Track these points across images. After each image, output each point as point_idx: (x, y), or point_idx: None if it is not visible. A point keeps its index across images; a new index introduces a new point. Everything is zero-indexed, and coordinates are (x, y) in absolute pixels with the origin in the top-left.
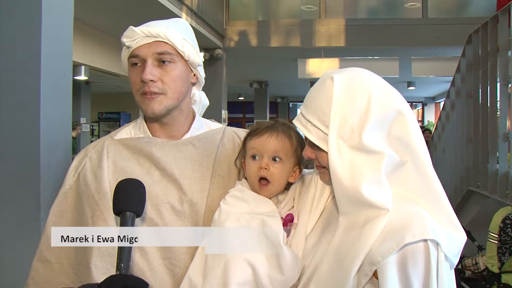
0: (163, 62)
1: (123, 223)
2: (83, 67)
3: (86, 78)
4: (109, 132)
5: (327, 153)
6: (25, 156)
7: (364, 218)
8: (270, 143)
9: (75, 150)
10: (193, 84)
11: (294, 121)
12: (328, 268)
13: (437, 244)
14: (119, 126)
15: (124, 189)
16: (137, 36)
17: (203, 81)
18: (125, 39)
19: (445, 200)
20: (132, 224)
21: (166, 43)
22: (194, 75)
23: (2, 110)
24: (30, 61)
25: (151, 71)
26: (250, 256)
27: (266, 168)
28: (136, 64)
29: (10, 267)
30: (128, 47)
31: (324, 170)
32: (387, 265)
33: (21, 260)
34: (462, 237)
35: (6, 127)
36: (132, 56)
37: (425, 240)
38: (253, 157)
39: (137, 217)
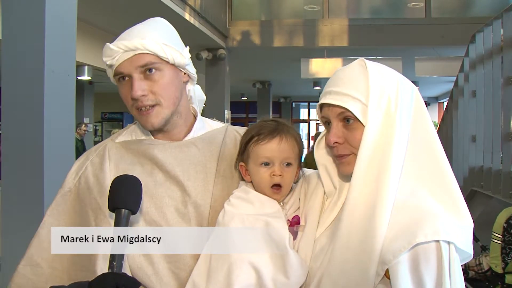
0: (149, 72)
1: (117, 220)
2: (86, 67)
3: (89, 78)
4: (112, 132)
5: (360, 130)
6: (29, 155)
7: (371, 202)
8: (282, 149)
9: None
10: (186, 82)
11: (327, 100)
12: (339, 270)
13: (449, 244)
14: (122, 126)
15: (120, 185)
16: (116, 53)
17: (195, 76)
18: (105, 59)
19: (452, 180)
20: (127, 222)
21: (147, 53)
22: (185, 73)
23: (6, 110)
24: (33, 62)
25: (139, 86)
26: (254, 259)
27: (280, 175)
28: (123, 79)
29: (13, 264)
30: (110, 66)
31: (347, 159)
32: (399, 265)
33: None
34: (469, 224)
35: (10, 127)
36: (116, 74)
37: (437, 241)
38: (265, 164)
39: (132, 214)
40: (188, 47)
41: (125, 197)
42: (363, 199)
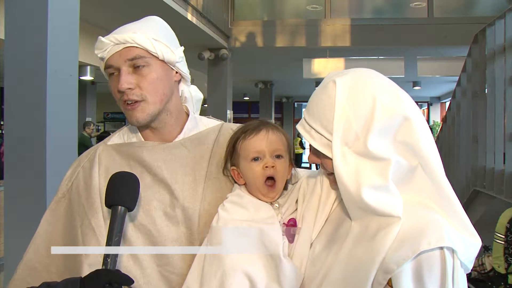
0: (138, 67)
1: (113, 217)
2: (88, 67)
3: (92, 78)
4: (114, 132)
5: (331, 159)
6: (31, 155)
7: (376, 226)
8: (271, 140)
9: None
10: (178, 81)
11: (298, 127)
12: (340, 275)
13: (453, 251)
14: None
15: (117, 182)
16: (106, 45)
17: (189, 76)
18: (96, 51)
19: (458, 204)
20: (123, 219)
21: (137, 47)
22: (176, 72)
23: (8, 110)
24: (36, 62)
25: (126, 79)
26: (248, 267)
27: (273, 166)
28: (112, 74)
29: (16, 264)
30: (102, 59)
31: (331, 176)
32: (402, 274)
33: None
34: (477, 242)
35: (13, 127)
36: (106, 67)
37: (441, 248)
38: (255, 158)
39: (129, 211)
40: (182, 47)
41: (121, 194)
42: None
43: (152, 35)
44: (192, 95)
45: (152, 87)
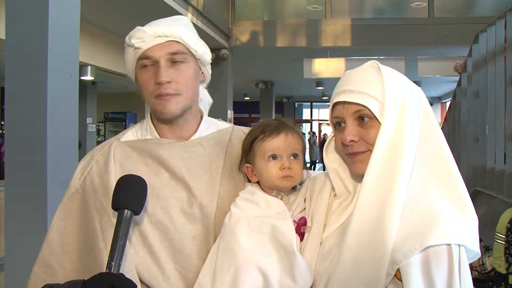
0: (175, 62)
1: (119, 220)
2: (89, 67)
3: (93, 78)
4: (115, 132)
5: (376, 128)
6: (32, 155)
7: (383, 201)
8: (290, 141)
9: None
10: (201, 82)
11: (344, 98)
12: (349, 267)
13: (459, 246)
14: (125, 126)
15: (124, 185)
16: (148, 37)
17: (209, 78)
18: (134, 40)
19: (458, 179)
20: (129, 222)
21: (179, 42)
22: (202, 73)
23: (9, 110)
24: (37, 62)
25: (167, 72)
26: (261, 262)
27: (289, 168)
28: (146, 65)
29: (17, 264)
30: (137, 48)
31: (361, 157)
32: (410, 266)
33: (27, 256)
34: (475, 222)
35: (14, 127)
36: (143, 57)
37: (449, 244)
38: (273, 157)
39: (135, 215)
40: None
41: (128, 198)
42: (374, 198)
43: (194, 34)
44: (205, 96)
45: (187, 83)
